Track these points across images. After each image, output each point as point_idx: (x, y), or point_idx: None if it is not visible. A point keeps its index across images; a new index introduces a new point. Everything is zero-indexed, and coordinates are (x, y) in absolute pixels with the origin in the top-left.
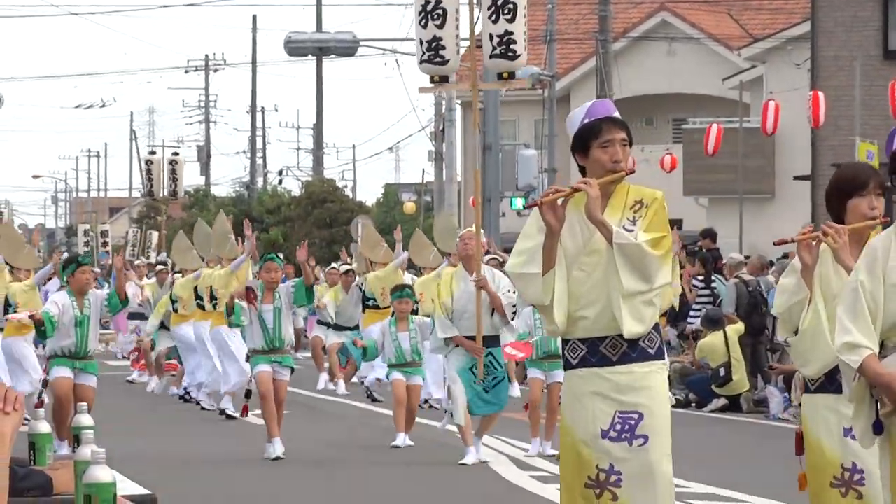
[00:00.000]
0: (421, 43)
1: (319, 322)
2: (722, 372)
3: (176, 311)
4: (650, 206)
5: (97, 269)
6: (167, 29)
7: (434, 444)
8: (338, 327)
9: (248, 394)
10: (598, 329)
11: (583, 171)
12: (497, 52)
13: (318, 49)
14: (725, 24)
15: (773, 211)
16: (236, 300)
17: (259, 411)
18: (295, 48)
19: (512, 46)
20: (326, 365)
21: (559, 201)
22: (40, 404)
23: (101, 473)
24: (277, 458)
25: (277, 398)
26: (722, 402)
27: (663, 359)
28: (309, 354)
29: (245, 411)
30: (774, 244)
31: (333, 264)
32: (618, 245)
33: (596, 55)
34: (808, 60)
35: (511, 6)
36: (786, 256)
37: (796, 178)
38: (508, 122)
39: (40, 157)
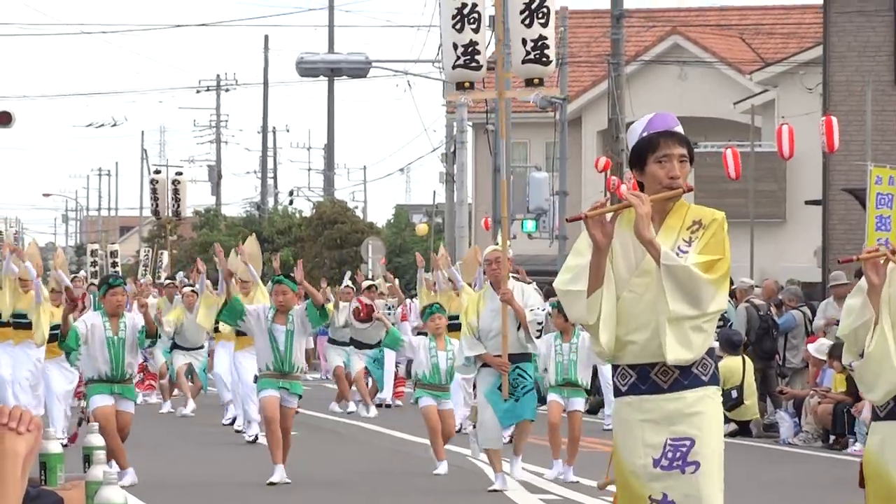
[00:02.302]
0: (455, 47)
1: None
2: (734, 394)
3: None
4: (708, 227)
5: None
6: (179, 49)
7: (459, 470)
8: (358, 345)
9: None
10: (648, 355)
11: (640, 187)
12: (531, 56)
13: (330, 70)
14: (737, 48)
15: (784, 235)
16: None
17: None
18: (306, 69)
19: (546, 52)
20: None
21: (608, 216)
22: (74, 438)
23: (113, 494)
24: (272, 484)
25: (284, 426)
26: (731, 426)
27: (717, 384)
28: (318, 375)
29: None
30: (840, 262)
31: (347, 282)
32: (665, 266)
33: (608, 78)
34: (819, 85)
35: (545, 10)
36: (791, 282)
37: (807, 202)
38: (520, 144)
39: (51, 175)
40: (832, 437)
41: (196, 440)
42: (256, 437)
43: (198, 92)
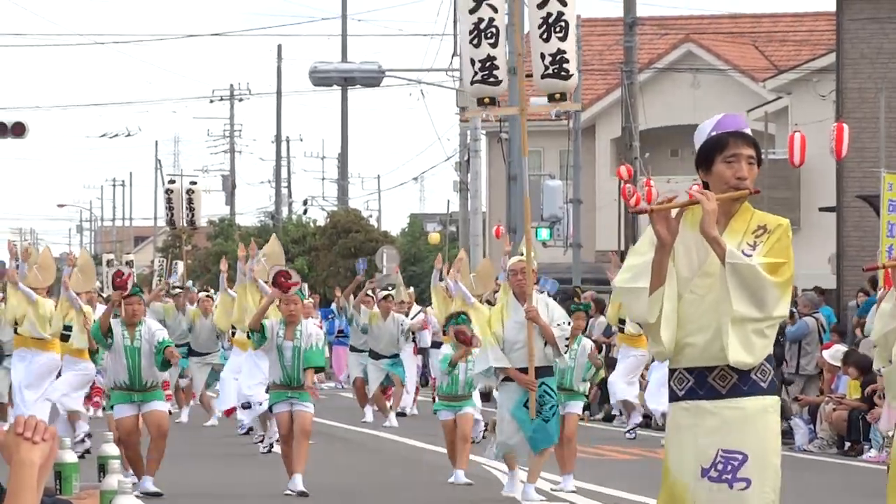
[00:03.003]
0: (473, 63)
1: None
2: None
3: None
4: (773, 232)
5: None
6: (192, 58)
7: (474, 478)
8: (375, 355)
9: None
10: (707, 358)
11: (705, 187)
12: (550, 71)
13: (343, 79)
14: (750, 56)
15: (798, 242)
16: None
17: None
18: (320, 78)
19: (565, 66)
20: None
21: (673, 212)
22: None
23: (128, 503)
24: (301, 493)
25: (302, 429)
26: None
27: (776, 394)
28: (332, 384)
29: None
30: (864, 270)
31: (368, 290)
32: (730, 264)
33: (621, 86)
34: (832, 92)
35: (563, 23)
36: (818, 290)
37: (821, 209)
38: (534, 152)
39: (65, 185)
40: (847, 444)
41: (213, 450)
42: (267, 441)
43: (211, 102)
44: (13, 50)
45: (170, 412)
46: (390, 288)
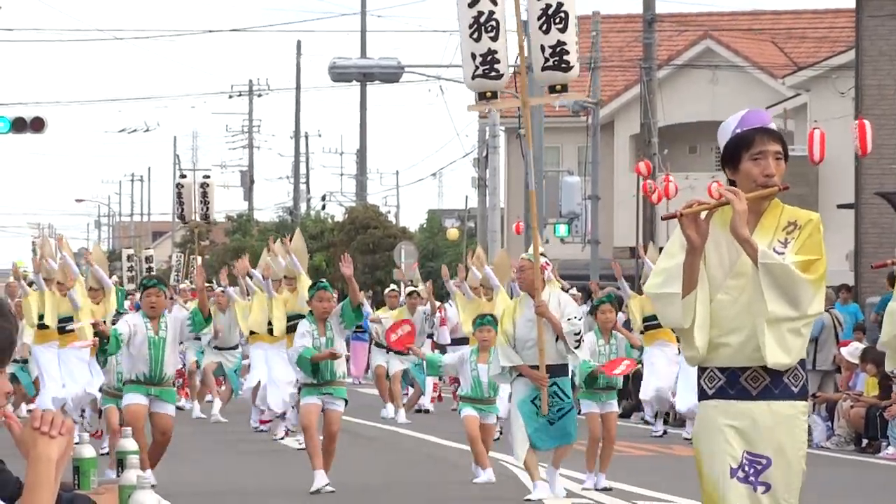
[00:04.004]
0: (473, 57)
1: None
2: None
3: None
4: (804, 227)
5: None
6: (211, 54)
7: (497, 476)
8: (399, 352)
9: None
10: (741, 359)
11: (733, 186)
12: (550, 63)
13: (363, 75)
14: (769, 53)
15: None
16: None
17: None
18: (339, 74)
19: (565, 57)
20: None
21: (702, 214)
22: (98, 435)
23: (147, 499)
24: (317, 491)
25: (330, 430)
26: None
27: (806, 399)
28: (350, 380)
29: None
30: (873, 267)
31: (392, 286)
32: (763, 265)
33: (640, 82)
34: (851, 89)
35: (563, 14)
36: (844, 287)
37: (840, 206)
38: (552, 148)
39: (84, 181)
40: (864, 441)
41: (232, 446)
42: (285, 435)
43: (230, 97)
44: (33, 45)
45: (180, 408)
46: (412, 283)
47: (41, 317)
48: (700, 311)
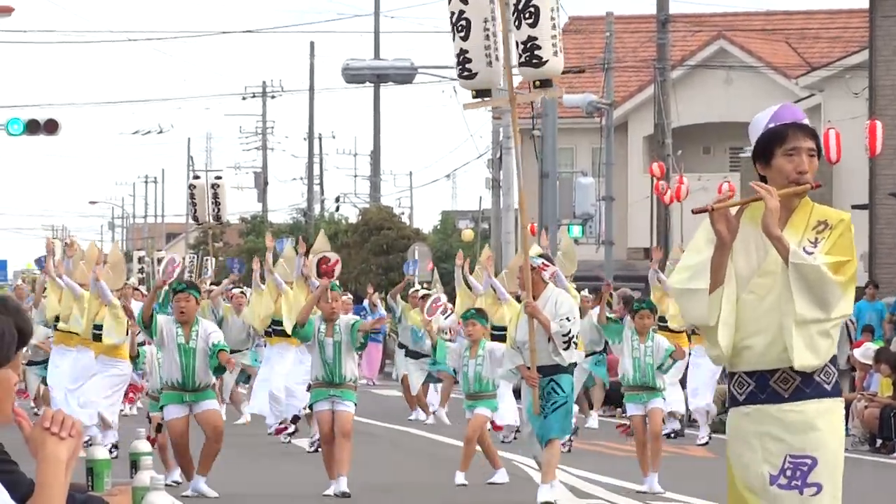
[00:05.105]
0: (456, 57)
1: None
2: None
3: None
4: (835, 227)
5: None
6: (225, 55)
7: (512, 477)
8: (415, 354)
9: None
10: (767, 361)
11: (763, 181)
12: (523, 59)
13: (376, 76)
14: (783, 53)
15: None
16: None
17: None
18: (352, 75)
19: (537, 52)
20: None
21: (733, 210)
22: (153, 441)
23: (161, 500)
24: (344, 494)
25: (343, 430)
26: None
27: (840, 395)
28: (364, 381)
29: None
30: None
31: (416, 287)
32: (794, 265)
33: (653, 83)
34: (865, 89)
35: (532, 9)
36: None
37: (854, 207)
38: (566, 150)
39: (97, 182)
40: (879, 442)
41: (249, 449)
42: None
43: (244, 99)
44: (46, 47)
45: None
46: (425, 285)
47: (57, 318)
48: (726, 308)
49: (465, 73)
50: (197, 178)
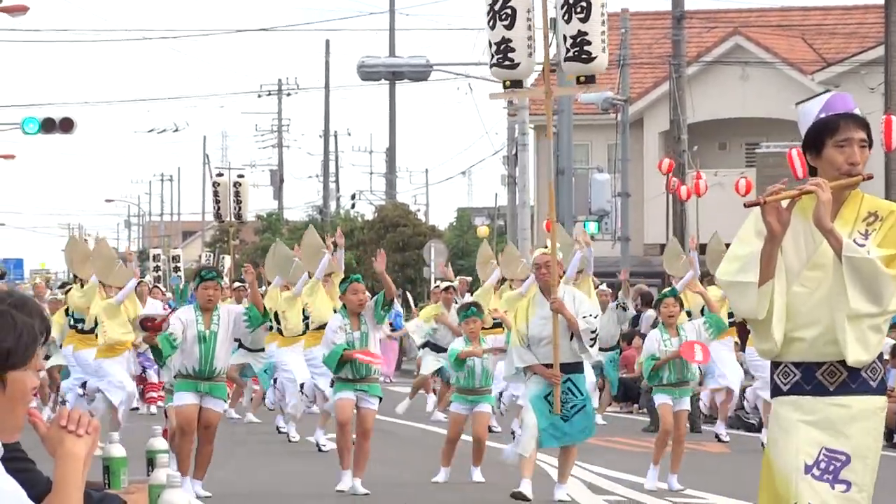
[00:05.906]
0: (490, 45)
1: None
2: None
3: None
4: (886, 219)
5: (169, 294)
6: (240, 53)
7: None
8: (436, 348)
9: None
10: (816, 353)
11: (812, 172)
12: (571, 53)
13: (391, 73)
14: (799, 49)
15: None
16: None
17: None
18: (368, 73)
19: (586, 48)
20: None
21: (785, 203)
22: (170, 436)
23: (177, 498)
24: (344, 491)
25: (363, 428)
26: None
27: (884, 394)
28: (381, 378)
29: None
30: None
31: (438, 282)
32: (847, 258)
33: (669, 79)
34: (881, 84)
35: (584, 4)
36: None
37: None
38: (581, 146)
39: (113, 181)
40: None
41: (262, 446)
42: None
43: (259, 96)
44: (61, 46)
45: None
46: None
47: (82, 320)
48: (778, 302)
49: (507, 63)
50: (221, 175)
